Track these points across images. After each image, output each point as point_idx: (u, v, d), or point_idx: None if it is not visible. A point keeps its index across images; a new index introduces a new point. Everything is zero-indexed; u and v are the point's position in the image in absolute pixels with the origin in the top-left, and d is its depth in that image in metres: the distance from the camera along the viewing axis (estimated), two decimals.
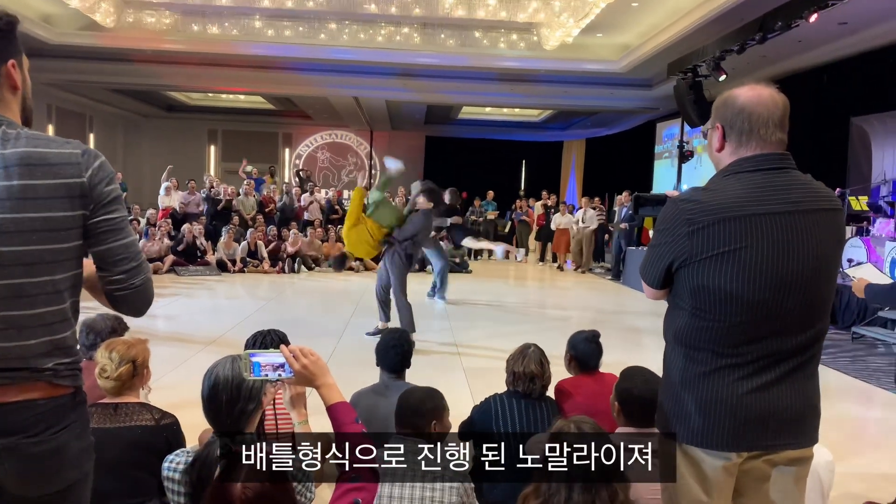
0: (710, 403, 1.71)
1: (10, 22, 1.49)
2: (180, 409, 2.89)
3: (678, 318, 1.78)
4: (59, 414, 1.49)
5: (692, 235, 1.68)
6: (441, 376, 5.46)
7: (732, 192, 1.70)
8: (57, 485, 1.51)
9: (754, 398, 1.69)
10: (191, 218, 12.91)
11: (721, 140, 1.78)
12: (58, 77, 13.74)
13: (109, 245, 1.52)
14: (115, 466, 2.38)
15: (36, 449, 1.45)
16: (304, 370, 1.67)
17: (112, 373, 2.52)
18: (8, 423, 1.42)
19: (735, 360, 1.70)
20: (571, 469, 1.80)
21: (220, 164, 20.88)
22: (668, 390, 1.82)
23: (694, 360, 1.74)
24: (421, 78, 13.84)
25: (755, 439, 1.70)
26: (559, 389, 3.26)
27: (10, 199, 1.40)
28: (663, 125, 16.19)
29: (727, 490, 1.77)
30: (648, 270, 1.83)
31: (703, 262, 1.69)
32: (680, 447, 1.77)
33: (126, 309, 1.60)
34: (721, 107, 1.79)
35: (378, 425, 2.89)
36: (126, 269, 1.54)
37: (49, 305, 1.46)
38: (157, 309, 8.31)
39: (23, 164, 1.41)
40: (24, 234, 1.41)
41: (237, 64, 13.43)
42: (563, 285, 12.15)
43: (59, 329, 1.49)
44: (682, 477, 1.77)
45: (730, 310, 1.68)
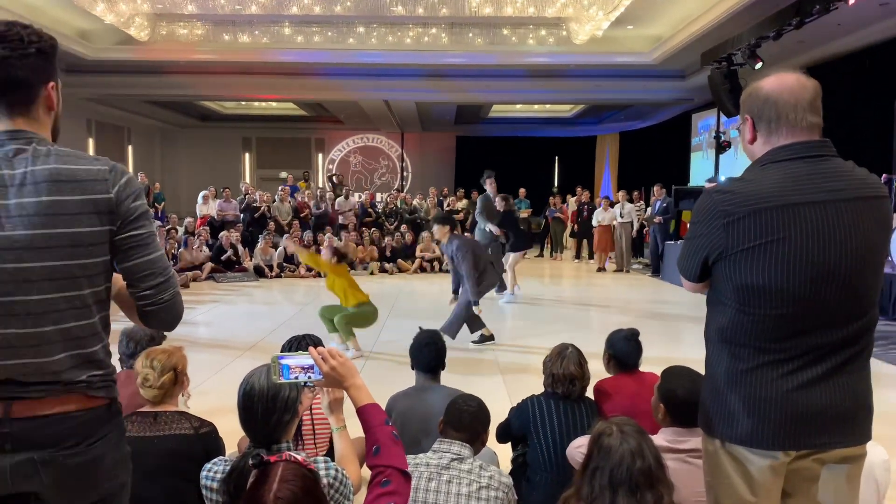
0: (754, 401, 1.66)
1: (52, 45, 1.52)
2: (219, 416, 2.91)
3: (718, 314, 1.75)
4: (95, 425, 1.50)
5: (728, 227, 1.65)
6: (477, 376, 5.43)
7: (769, 181, 1.66)
8: (94, 496, 1.52)
9: (801, 395, 1.63)
10: (228, 226, 13.12)
11: (752, 131, 1.75)
12: (96, 92, 14.09)
13: (137, 261, 1.53)
14: (154, 474, 2.41)
15: (73, 461, 1.46)
16: (332, 372, 1.67)
17: (155, 381, 2.55)
18: (45, 435, 1.43)
19: (778, 355, 1.64)
20: (615, 473, 1.76)
21: (255, 172, 21.17)
22: (710, 389, 1.77)
23: (736, 357, 1.69)
24: (450, 78, 13.82)
25: (803, 437, 1.64)
26: (599, 390, 3.20)
27: (40, 214, 1.41)
28: (699, 116, 15.89)
29: (774, 491, 1.71)
30: (685, 264, 1.80)
31: (740, 255, 1.65)
32: (724, 447, 1.72)
33: (156, 323, 1.61)
34: (747, 98, 1.76)
35: (415, 427, 2.87)
36: (154, 284, 1.55)
37: (78, 320, 1.47)
38: (196, 316, 8.46)
39: (52, 180, 1.43)
40: (54, 249, 1.42)
41: (268, 71, 13.59)
42: (600, 282, 12.01)
43: (89, 343, 1.50)
44: (728, 478, 1.72)
45: (769, 303, 1.63)
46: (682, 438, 2.28)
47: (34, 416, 1.42)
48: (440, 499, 2.14)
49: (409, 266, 12.88)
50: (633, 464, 1.76)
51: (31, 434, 1.42)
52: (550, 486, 2.92)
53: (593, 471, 1.80)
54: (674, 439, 2.29)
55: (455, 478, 2.18)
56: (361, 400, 1.68)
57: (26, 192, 1.41)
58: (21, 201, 1.41)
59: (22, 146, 1.45)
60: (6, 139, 1.46)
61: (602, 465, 1.78)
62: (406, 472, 1.62)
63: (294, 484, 1.36)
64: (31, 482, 1.44)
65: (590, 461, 1.83)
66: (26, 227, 1.40)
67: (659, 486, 1.77)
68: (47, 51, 1.49)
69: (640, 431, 1.87)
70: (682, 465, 2.21)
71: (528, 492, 3.02)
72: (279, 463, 1.41)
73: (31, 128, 1.49)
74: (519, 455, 3.22)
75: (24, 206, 1.41)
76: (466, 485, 2.17)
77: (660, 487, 1.77)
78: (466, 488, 2.16)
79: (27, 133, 1.48)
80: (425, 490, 2.15)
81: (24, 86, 1.47)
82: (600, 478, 1.77)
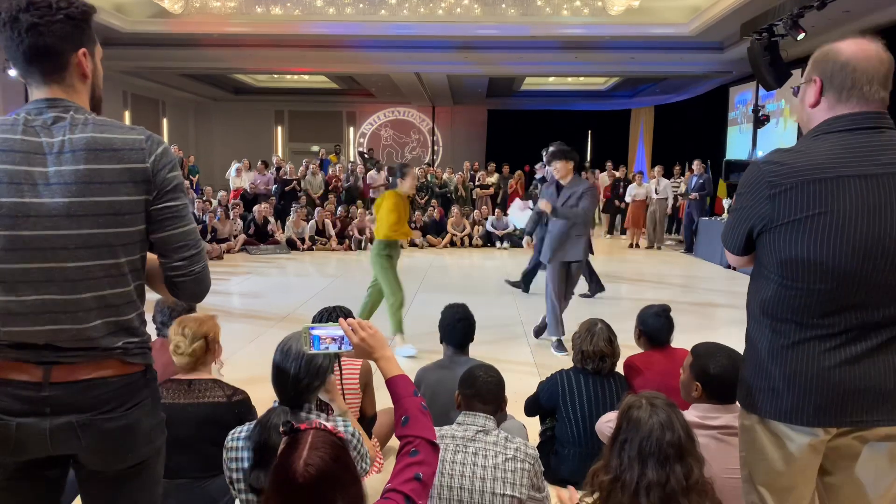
0: (794, 377, 1.63)
1: (84, 11, 1.52)
2: (252, 384, 2.96)
3: (761, 288, 1.72)
4: (132, 391, 1.54)
5: (773, 199, 1.62)
6: (506, 350, 5.44)
7: (819, 153, 1.61)
8: (131, 460, 1.56)
9: (842, 371, 1.60)
10: (261, 199, 13.25)
11: (818, 95, 1.68)
12: (131, 64, 14.22)
13: (171, 232, 1.54)
14: (187, 441, 2.47)
15: (111, 425, 1.50)
16: (362, 343, 1.69)
17: (186, 349, 2.60)
18: (83, 399, 1.47)
19: (821, 331, 1.61)
20: (644, 444, 1.75)
21: (287, 145, 21.28)
22: (750, 363, 1.75)
23: (778, 332, 1.67)
24: (482, 50, 13.63)
25: (843, 415, 1.62)
26: (629, 365, 3.19)
27: (77, 183, 1.43)
28: (736, 89, 15.48)
29: (811, 468, 1.70)
30: (729, 235, 1.77)
31: (785, 227, 1.61)
32: (763, 422, 1.71)
33: (185, 295, 1.63)
34: (821, 59, 1.68)
35: (445, 400, 2.89)
36: (187, 255, 1.57)
37: (114, 288, 1.50)
38: (230, 286, 8.60)
39: (89, 148, 1.44)
40: (91, 217, 1.44)
41: (300, 44, 13.56)
42: (632, 258, 11.88)
43: (125, 311, 1.53)
44: (765, 454, 1.71)
45: (813, 278, 1.60)
46: (713, 415, 2.26)
47: (73, 380, 1.46)
48: (466, 471, 2.16)
49: (438, 241, 12.88)
50: (662, 436, 1.75)
51: (70, 398, 1.46)
52: (578, 459, 2.94)
53: (622, 443, 1.79)
54: (705, 415, 2.26)
55: (481, 450, 2.19)
56: (391, 371, 1.70)
57: (64, 161, 1.43)
58: (59, 169, 1.43)
59: (59, 114, 1.47)
60: (44, 107, 1.48)
61: (631, 436, 1.77)
62: (434, 443, 1.63)
63: (324, 451, 1.37)
64: (71, 445, 1.49)
65: (619, 434, 1.81)
66: (64, 195, 1.42)
67: (689, 459, 1.76)
68: (77, 16, 1.48)
69: (671, 405, 1.85)
70: (714, 442, 2.20)
71: (556, 465, 3.04)
72: (309, 431, 1.42)
73: (68, 96, 1.51)
74: (547, 428, 3.23)
75: (62, 174, 1.43)
76: (493, 456, 2.17)
77: (689, 460, 1.76)
78: (493, 460, 2.17)
79: (64, 101, 1.49)
80: (451, 462, 2.16)
81: (53, 52, 1.47)
82: (629, 449, 1.76)
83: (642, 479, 1.72)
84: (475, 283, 9.01)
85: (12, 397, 1.44)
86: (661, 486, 1.71)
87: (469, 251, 12.55)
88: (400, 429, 1.64)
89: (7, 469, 1.50)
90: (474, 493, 2.14)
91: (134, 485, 1.59)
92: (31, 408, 1.44)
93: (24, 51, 1.46)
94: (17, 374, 1.45)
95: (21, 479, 1.53)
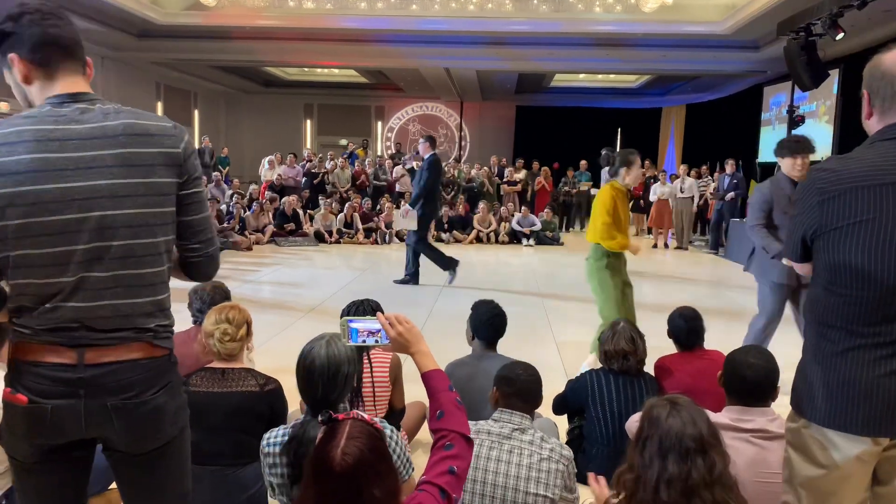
0: (843, 385, 1.63)
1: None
2: (282, 374, 3.00)
3: (814, 294, 1.75)
4: (159, 374, 1.60)
5: (822, 205, 1.65)
6: (532, 348, 5.44)
7: (869, 160, 1.63)
8: (159, 441, 1.62)
9: (893, 381, 1.59)
10: (289, 191, 13.39)
11: (868, 107, 1.71)
12: (165, 56, 14.42)
13: (194, 216, 1.64)
14: (221, 429, 2.51)
15: (142, 408, 1.56)
16: (399, 337, 1.71)
17: (234, 335, 2.65)
18: (115, 381, 1.52)
19: (871, 339, 1.61)
20: (664, 440, 1.74)
21: (316, 138, 21.42)
22: (801, 368, 1.78)
23: (827, 339, 1.68)
24: (513, 46, 13.58)
25: (893, 425, 1.60)
26: (659, 366, 3.18)
27: (119, 165, 1.50)
28: (771, 90, 15.22)
29: (858, 477, 1.68)
30: (788, 242, 1.83)
31: (833, 234, 1.63)
32: (809, 426, 1.71)
33: (197, 274, 1.73)
34: (867, 71, 1.72)
35: (475, 396, 2.90)
36: (205, 238, 1.67)
37: (152, 267, 1.57)
38: (260, 276, 8.70)
39: (127, 133, 1.52)
40: (132, 198, 1.52)
41: (331, 38, 13.63)
42: (658, 258, 11.77)
43: (160, 290, 1.60)
44: (809, 456, 1.71)
45: (858, 285, 1.61)
46: (746, 418, 2.24)
47: (105, 362, 1.51)
48: (501, 468, 2.17)
49: (464, 237, 12.89)
50: (682, 430, 1.74)
51: (103, 380, 1.51)
52: (606, 459, 2.93)
53: (643, 441, 1.79)
54: (738, 418, 2.25)
55: (517, 448, 2.20)
56: (427, 366, 1.72)
57: (102, 145, 1.50)
58: (98, 153, 1.49)
59: (87, 105, 1.54)
60: (69, 100, 1.54)
61: (651, 433, 1.77)
62: (468, 438, 1.65)
63: (361, 441, 1.39)
64: (104, 428, 1.54)
65: (641, 433, 1.81)
66: (106, 178, 1.49)
67: (711, 452, 1.74)
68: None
69: (693, 404, 1.84)
70: (746, 445, 2.18)
71: (584, 464, 3.03)
72: (347, 420, 1.45)
73: (87, 90, 1.59)
74: (575, 427, 3.23)
75: (102, 158, 1.49)
76: (528, 456, 2.18)
77: (712, 453, 1.74)
78: (528, 459, 2.17)
79: (88, 94, 1.57)
80: (486, 458, 2.17)
81: (79, 46, 1.58)
82: (650, 447, 1.76)
83: (663, 473, 1.72)
84: (501, 280, 9.00)
85: (48, 379, 1.49)
86: (683, 480, 1.70)
87: (495, 248, 12.54)
88: (434, 422, 1.66)
89: (39, 451, 1.55)
90: (507, 490, 2.15)
91: (162, 463, 1.65)
92: (65, 389, 1.49)
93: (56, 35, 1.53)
94: (53, 357, 1.50)
95: (51, 462, 1.58)
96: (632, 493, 1.78)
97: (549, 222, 13.38)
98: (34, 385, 1.50)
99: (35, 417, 1.50)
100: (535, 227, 12.96)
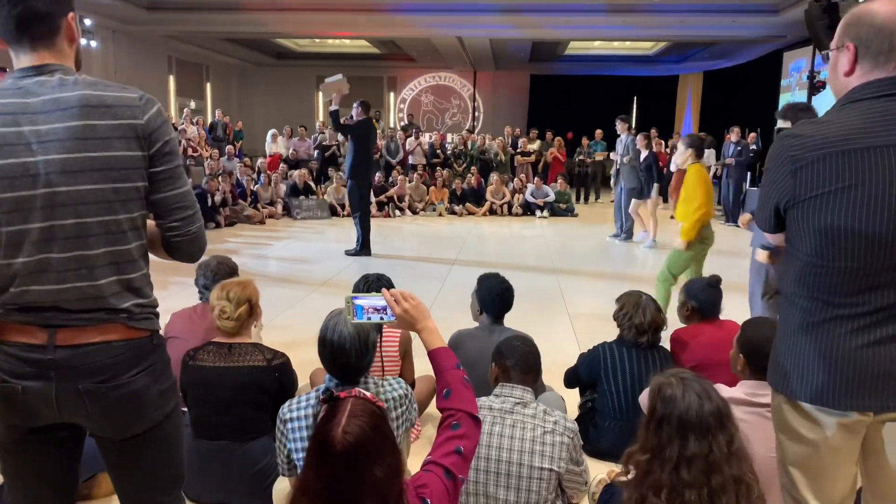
0: (820, 357, 1.56)
1: None
2: (293, 348, 2.99)
3: (789, 265, 1.65)
4: (138, 356, 1.54)
5: (795, 174, 1.55)
6: (545, 321, 5.40)
7: (845, 123, 1.51)
8: (139, 427, 1.56)
9: (870, 353, 1.52)
10: (302, 164, 13.35)
11: (853, 62, 1.56)
12: (176, 29, 14.34)
13: (168, 193, 1.55)
14: (228, 403, 2.51)
15: (116, 393, 1.50)
16: (405, 314, 1.67)
17: (232, 313, 2.63)
18: (88, 363, 1.47)
19: (848, 310, 1.53)
20: (684, 418, 1.70)
21: (328, 111, 21.30)
22: (778, 342, 1.70)
23: (804, 310, 1.60)
24: (527, 13, 13.34)
25: (877, 398, 1.54)
26: (675, 339, 3.14)
27: (72, 139, 1.43)
28: (791, 55, 14.86)
29: (846, 451, 1.63)
30: (759, 214, 1.70)
31: (809, 203, 1.54)
32: (790, 402, 1.65)
33: (180, 255, 1.65)
34: (854, 24, 1.57)
35: (484, 371, 2.87)
36: (183, 216, 1.58)
37: (114, 245, 1.50)
38: (271, 251, 8.71)
39: (82, 105, 1.44)
40: (87, 172, 1.44)
41: (342, 8, 13.48)
42: (674, 228, 11.63)
43: (127, 269, 1.52)
44: (793, 434, 1.66)
45: (839, 254, 1.52)
46: (761, 392, 2.19)
47: (78, 343, 1.47)
48: (504, 443, 2.15)
49: (477, 210, 12.81)
50: (701, 406, 1.71)
51: (75, 362, 1.46)
52: (619, 432, 2.90)
53: (659, 421, 1.74)
54: (752, 392, 2.20)
55: (519, 422, 2.17)
56: (433, 343, 1.68)
57: (56, 118, 1.43)
58: (52, 127, 1.43)
59: (47, 77, 1.47)
60: (33, 74, 1.48)
61: (668, 412, 1.73)
62: (476, 417, 1.61)
63: (363, 419, 1.36)
64: (77, 412, 1.50)
65: (653, 414, 1.77)
66: (58, 152, 1.43)
67: (729, 426, 1.73)
68: None
69: (700, 377, 1.82)
70: (760, 420, 2.13)
71: (596, 437, 3.01)
72: (348, 399, 1.41)
73: (57, 60, 1.51)
74: (587, 401, 3.20)
75: (55, 132, 1.43)
76: (531, 429, 2.16)
77: (730, 426, 1.73)
78: (531, 433, 2.15)
79: (51, 66, 1.49)
80: (489, 434, 2.15)
81: (46, 19, 1.48)
82: (667, 426, 1.72)
83: (684, 451, 1.69)
84: (513, 252, 8.95)
85: (18, 360, 1.45)
86: (704, 457, 1.68)
87: (508, 220, 12.45)
88: (442, 401, 1.63)
89: (17, 432, 1.53)
90: (511, 465, 2.13)
91: (147, 449, 1.60)
92: (35, 371, 1.45)
93: (16, 15, 1.45)
94: (23, 337, 1.46)
95: (32, 443, 1.55)
96: (645, 473, 1.74)
97: (564, 193, 13.23)
98: (5, 365, 1.46)
99: (7, 398, 1.47)
100: (548, 199, 12.84)
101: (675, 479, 1.68)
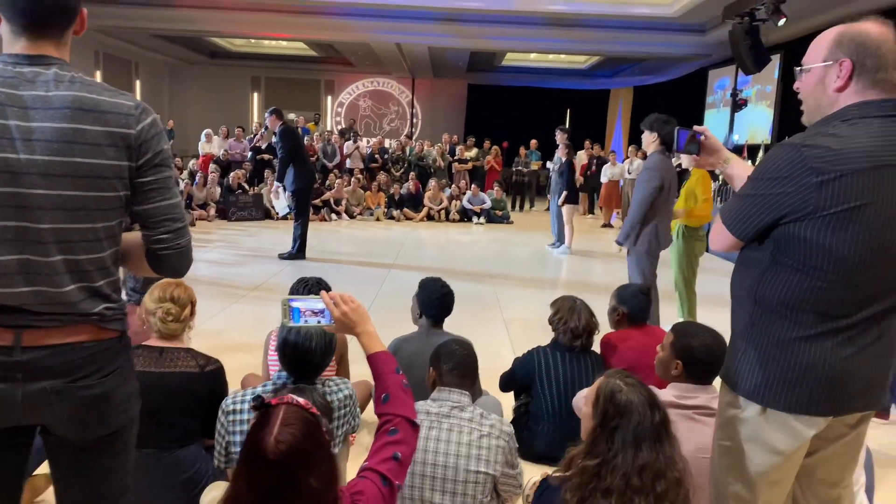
0: (812, 368, 1.58)
1: None
2: (224, 353, 2.91)
3: (782, 278, 1.60)
4: (107, 358, 1.49)
5: (821, 187, 1.49)
6: (481, 326, 5.45)
7: (864, 140, 1.51)
8: (104, 430, 1.52)
9: (854, 361, 1.58)
10: (235, 166, 13.05)
11: (847, 79, 1.57)
12: (104, 23, 13.75)
13: (157, 204, 1.50)
14: (157, 410, 2.41)
15: (86, 393, 1.45)
16: (344, 317, 1.63)
17: (178, 315, 2.55)
18: (57, 364, 1.42)
19: (842, 322, 1.57)
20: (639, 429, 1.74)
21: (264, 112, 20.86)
22: (760, 354, 1.65)
23: (796, 323, 1.59)
24: (465, 23, 13.45)
25: (849, 402, 1.62)
26: (606, 343, 3.21)
27: (59, 141, 1.37)
28: (716, 73, 15.54)
29: (800, 457, 1.70)
30: (744, 221, 1.63)
31: (828, 218, 1.50)
32: (765, 413, 1.65)
33: (167, 269, 1.58)
34: (850, 41, 1.57)
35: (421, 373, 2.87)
36: (172, 228, 1.52)
37: (88, 253, 1.44)
38: (202, 255, 8.46)
39: (74, 107, 1.38)
40: (69, 178, 1.38)
41: (279, 9, 13.25)
42: (608, 237, 11.95)
43: (99, 276, 1.47)
44: (766, 445, 1.67)
45: (846, 270, 1.53)
46: (690, 395, 2.27)
47: (45, 344, 1.41)
48: (441, 447, 2.15)
49: (415, 215, 12.81)
50: (653, 416, 1.75)
51: (43, 363, 1.40)
52: (552, 435, 2.95)
53: (612, 430, 1.76)
54: (682, 395, 2.27)
55: (456, 426, 2.18)
56: (373, 347, 1.65)
57: (46, 117, 1.36)
58: (40, 125, 1.36)
59: (42, 69, 1.41)
60: (26, 63, 1.40)
61: (622, 423, 1.75)
62: (414, 422, 1.59)
63: (296, 427, 1.32)
64: (44, 413, 1.44)
65: (606, 420, 1.78)
66: (43, 153, 1.36)
67: (671, 431, 1.78)
68: None
69: (640, 381, 1.86)
70: (688, 423, 2.21)
71: (531, 440, 3.05)
72: (280, 406, 1.36)
73: (56, 53, 1.45)
74: (521, 404, 3.24)
75: (43, 131, 1.36)
76: (468, 433, 2.16)
77: (672, 432, 1.78)
78: (468, 437, 2.16)
79: (49, 58, 1.43)
80: (426, 438, 2.15)
81: (70, 13, 1.45)
82: (622, 435, 1.74)
83: (636, 460, 1.71)
84: (450, 258, 9.00)
85: None
86: (653, 463, 1.72)
87: (446, 226, 12.51)
88: (380, 406, 1.60)
89: None
90: (448, 469, 2.13)
91: (106, 454, 1.55)
92: (1, 373, 1.38)
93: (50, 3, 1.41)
94: None
95: None
96: (593, 477, 1.74)
97: (499, 200, 13.41)
98: None
99: None
100: (485, 206, 12.97)
101: (625, 486, 1.70)
